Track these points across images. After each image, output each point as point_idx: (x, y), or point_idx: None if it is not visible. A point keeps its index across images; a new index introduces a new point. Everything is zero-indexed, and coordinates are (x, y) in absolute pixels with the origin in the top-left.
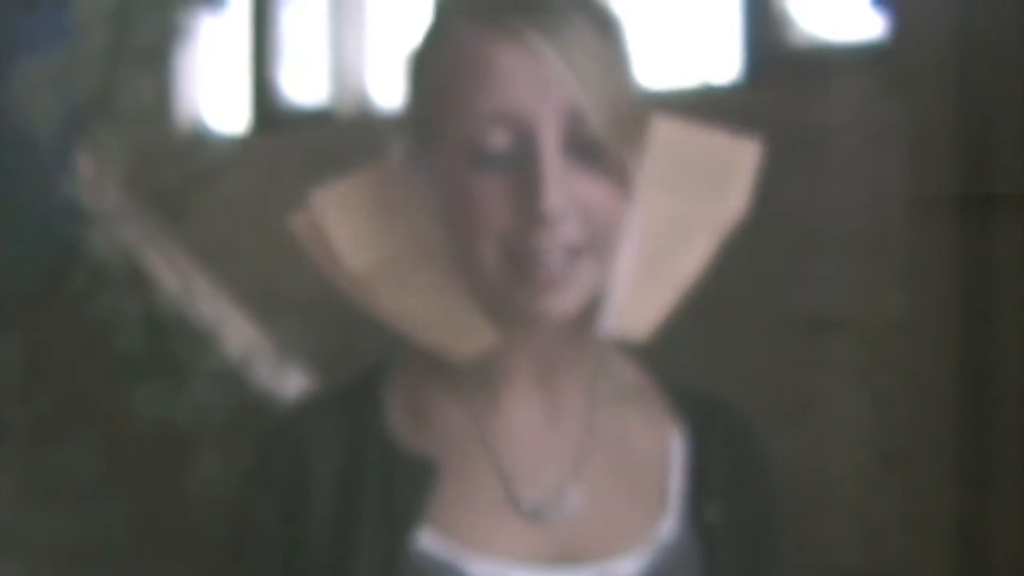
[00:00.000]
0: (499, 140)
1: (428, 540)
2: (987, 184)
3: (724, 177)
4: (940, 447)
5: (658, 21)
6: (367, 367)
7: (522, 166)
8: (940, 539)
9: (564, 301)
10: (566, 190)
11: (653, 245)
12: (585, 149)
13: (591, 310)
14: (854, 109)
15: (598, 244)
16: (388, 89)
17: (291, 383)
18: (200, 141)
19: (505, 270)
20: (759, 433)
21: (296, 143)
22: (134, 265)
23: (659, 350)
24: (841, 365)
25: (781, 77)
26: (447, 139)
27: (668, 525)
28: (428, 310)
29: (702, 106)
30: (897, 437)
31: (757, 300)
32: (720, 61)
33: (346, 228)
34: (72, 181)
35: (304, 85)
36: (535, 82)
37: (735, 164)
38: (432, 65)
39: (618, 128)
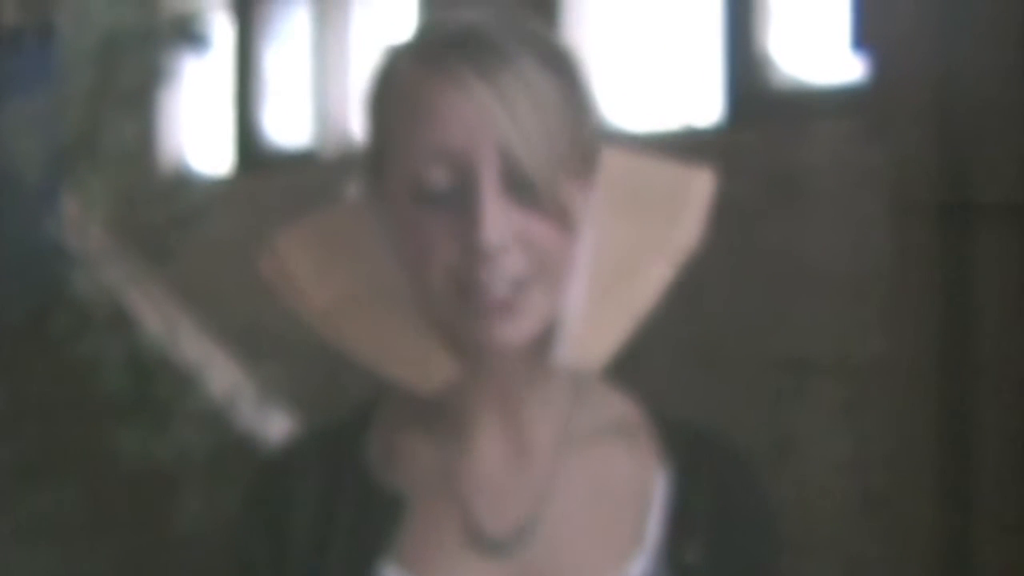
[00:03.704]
0: (441, 178)
1: (391, 575)
2: (966, 213)
3: (676, 206)
4: (922, 487)
5: (639, 63)
6: (362, 404)
7: (463, 203)
8: None
9: (514, 328)
10: (505, 225)
11: (606, 274)
12: (522, 187)
13: (548, 345)
14: (835, 151)
15: (544, 275)
16: None
17: (274, 424)
18: (184, 182)
19: (454, 301)
20: (754, 475)
21: (279, 184)
22: (117, 306)
23: (641, 390)
24: (823, 406)
25: (762, 119)
26: (395, 177)
27: (640, 566)
28: (389, 344)
29: (683, 147)
30: (879, 477)
31: (738, 340)
32: (701, 103)
33: (308, 267)
34: (56, 222)
35: (287, 126)
36: (473, 123)
37: (687, 192)
38: (381, 105)
39: (556, 166)
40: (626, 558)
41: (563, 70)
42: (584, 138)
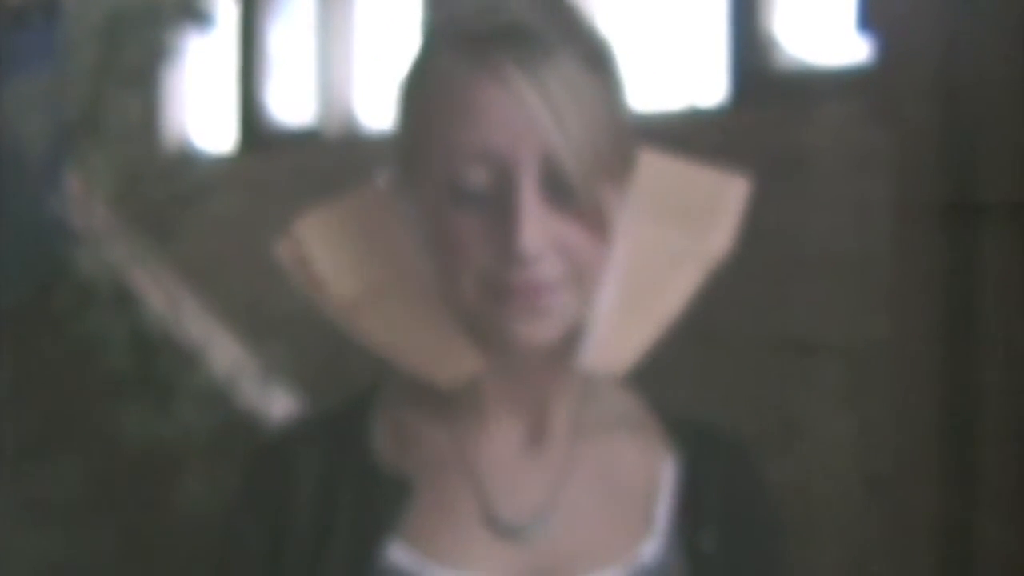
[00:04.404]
0: (479, 178)
1: (398, 553)
2: (970, 206)
3: (710, 213)
4: (924, 471)
5: (644, 44)
6: (362, 389)
7: (500, 205)
8: (925, 563)
9: (542, 329)
10: (542, 230)
11: (636, 279)
12: (561, 189)
13: (573, 341)
14: (839, 133)
15: (576, 279)
16: (375, 110)
17: (277, 403)
18: (187, 160)
19: (484, 300)
20: (756, 464)
21: (283, 163)
22: (121, 284)
23: (645, 373)
24: (826, 388)
25: (766, 100)
26: (430, 173)
27: (651, 548)
28: (413, 337)
29: (687, 129)
30: (882, 461)
31: (741, 323)
32: (706, 84)
33: (330, 255)
34: (60, 199)
35: (291, 105)
36: (515, 122)
37: (721, 200)
38: (418, 96)
39: (597, 169)
40: (636, 542)
41: (602, 65)
42: (621, 138)
